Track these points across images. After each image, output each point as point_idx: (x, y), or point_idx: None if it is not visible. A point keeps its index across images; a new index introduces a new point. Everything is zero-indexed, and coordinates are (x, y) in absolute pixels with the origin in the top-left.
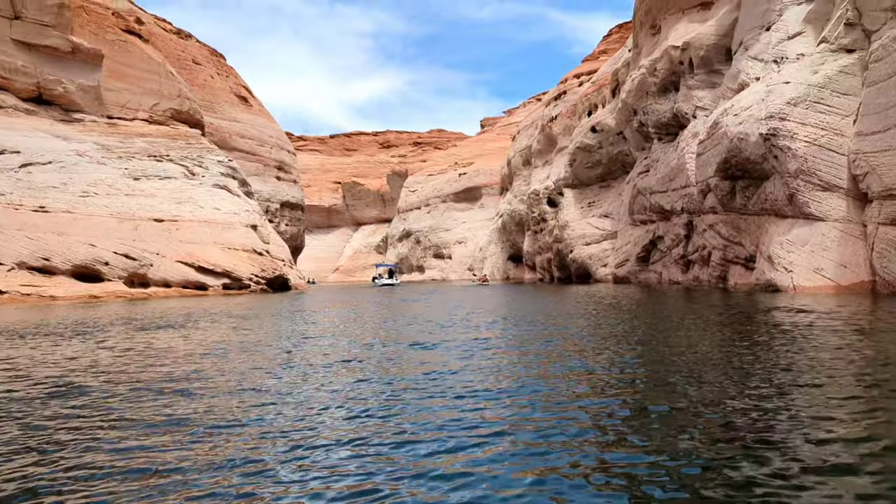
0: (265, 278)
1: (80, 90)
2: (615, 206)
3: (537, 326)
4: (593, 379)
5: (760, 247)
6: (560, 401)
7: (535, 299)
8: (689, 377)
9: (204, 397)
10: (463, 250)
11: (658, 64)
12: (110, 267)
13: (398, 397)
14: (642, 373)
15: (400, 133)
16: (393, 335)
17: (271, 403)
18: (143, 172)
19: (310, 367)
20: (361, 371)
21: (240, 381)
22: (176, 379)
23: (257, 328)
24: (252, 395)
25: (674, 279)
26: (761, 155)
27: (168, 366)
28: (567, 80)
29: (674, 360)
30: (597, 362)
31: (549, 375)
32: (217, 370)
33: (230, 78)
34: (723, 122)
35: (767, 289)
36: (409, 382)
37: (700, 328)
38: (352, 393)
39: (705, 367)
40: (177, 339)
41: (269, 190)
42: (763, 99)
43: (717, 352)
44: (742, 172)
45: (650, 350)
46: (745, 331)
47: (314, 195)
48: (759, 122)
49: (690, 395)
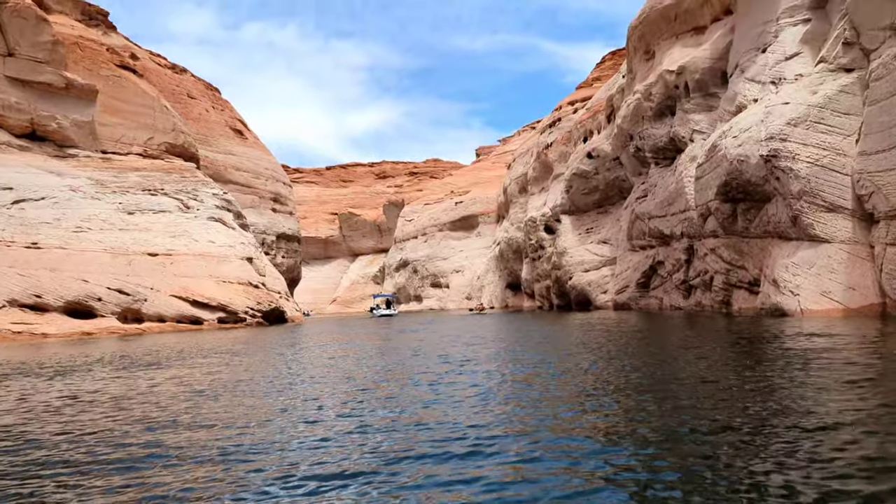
0: (261, 311)
1: (75, 126)
2: (613, 232)
3: (545, 364)
4: (609, 430)
5: (765, 270)
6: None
7: (536, 329)
8: (708, 429)
9: (175, 467)
10: (461, 279)
11: (653, 88)
12: (103, 303)
13: (399, 468)
14: (656, 424)
15: (396, 163)
16: (390, 376)
17: (255, 471)
18: (137, 207)
19: (302, 427)
20: (358, 427)
21: (219, 445)
22: (135, 442)
23: (244, 369)
24: (233, 465)
25: (675, 305)
26: (762, 177)
27: (134, 419)
28: (562, 107)
29: (692, 406)
30: (612, 411)
31: (565, 429)
32: (192, 428)
33: (225, 111)
34: (722, 145)
35: (774, 313)
36: (409, 443)
37: (716, 362)
38: (347, 463)
39: (727, 413)
40: (157, 381)
41: (264, 222)
42: (762, 120)
43: (740, 393)
44: (743, 195)
45: (667, 396)
46: (761, 361)
47: (311, 227)
48: (760, 144)
49: (717, 452)
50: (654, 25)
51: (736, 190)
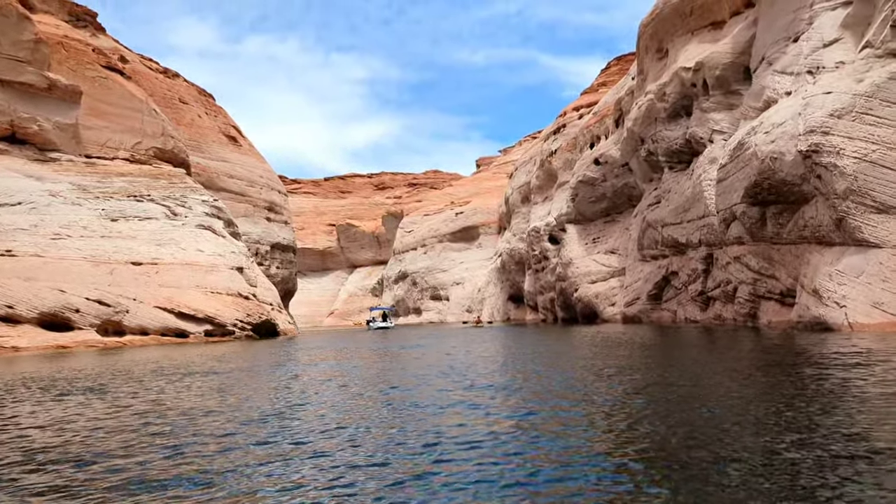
0: (251, 324)
1: (57, 128)
2: (622, 242)
3: (553, 387)
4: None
5: (801, 279)
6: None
7: (542, 345)
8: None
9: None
10: (461, 291)
11: (667, 88)
12: (81, 314)
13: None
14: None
15: (395, 174)
16: (386, 410)
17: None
18: (121, 213)
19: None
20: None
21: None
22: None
23: (219, 392)
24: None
25: (691, 318)
26: (800, 175)
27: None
28: (566, 112)
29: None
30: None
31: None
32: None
33: (219, 117)
34: (750, 143)
35: (814, 327)
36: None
37: (762, 384)
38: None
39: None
40: (103, 410)
41: (258, 231)
42: (800, 113)
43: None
44: (775, 197)
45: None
46: (824, 386)
47: (308, 238)
48: (797, 139)
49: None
50: (667, 22)
51: (767, 191)
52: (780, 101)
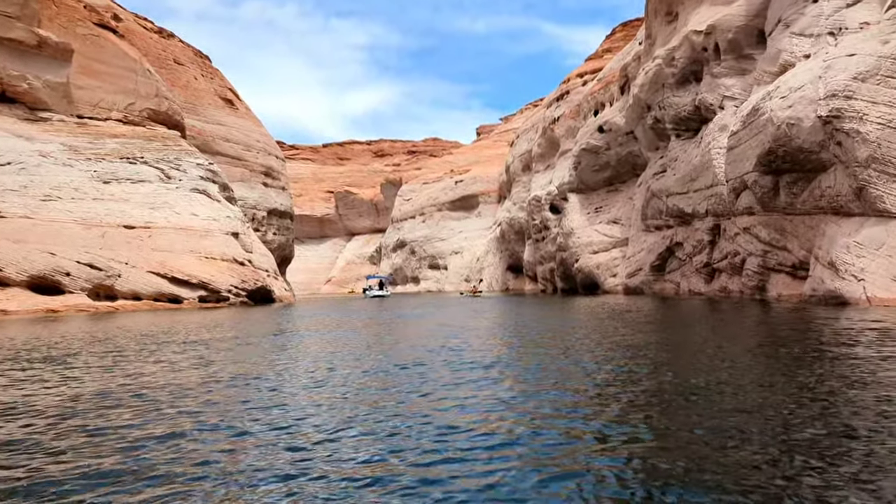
0: (246, 290)
1: (47, 87)
2: (625, 212)
3: (555, 362)
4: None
5: (816, 252)
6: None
7: (544, 316)
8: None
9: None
10: (459, 261)
11: (676, 53)
12: (72, 278)
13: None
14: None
15: (394, 142)
16: (385, 376)
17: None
18: (113, 175)
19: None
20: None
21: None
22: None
23: (203, 363)
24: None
25: (695, 290)
26: (818, 142)
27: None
28: (570, 79)
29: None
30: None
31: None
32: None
33: (215, 80)
34: (765, 108)
35: (829, 301)
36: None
37: (780, 361)
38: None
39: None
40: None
41: (255, 197)
42: (820, 76)
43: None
44: (790, 165)
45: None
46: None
47: (306, 205)
48: (817, 104)
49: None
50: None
51: (782, 159)
52: (799, 64)
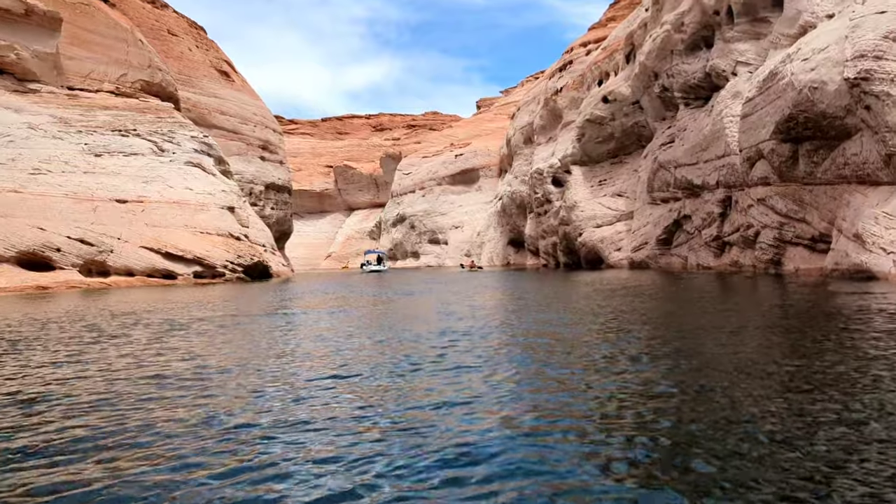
0: (242, 265)
1: (36, 57)
2: (630, 184)
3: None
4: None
5: (840, 223)
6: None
7: (549, 293)
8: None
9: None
10: (460, 235)
11: (686, 17)
12: (63, 253)
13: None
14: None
15: (393, 116)
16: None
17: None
18: (105, 148)
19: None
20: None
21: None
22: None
23: (165, 354)
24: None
25: (703, 264)
26: (844, 107)
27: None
28: (573, 49)
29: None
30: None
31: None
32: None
33: (210, 51)
34: (784, 72)
35: (853, 275)
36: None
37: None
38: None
39: None
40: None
41: (252, 171)
42: (847, 36)
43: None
44: (812, 132)
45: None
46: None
47: (305, 180)
48: (844, 65)
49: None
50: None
51: (803, 126)
52: (821, 24)
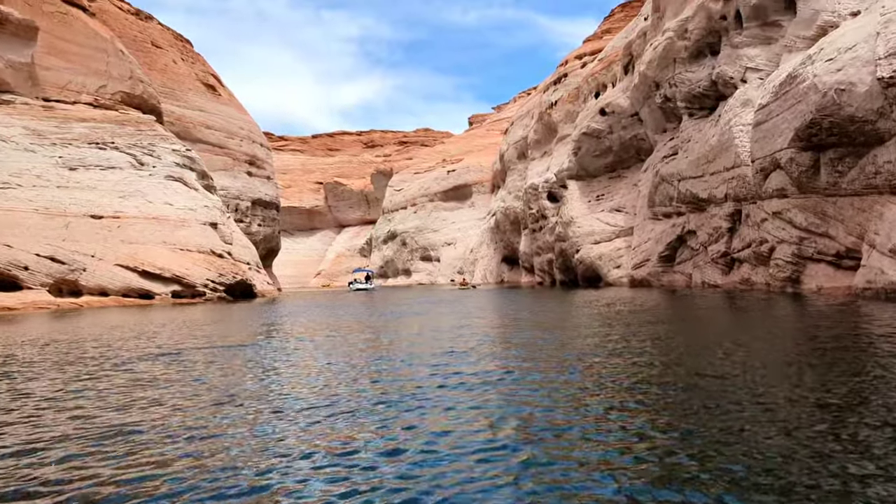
0: (224, 284)
1: (10, 67)
2: (629, 199)
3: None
4: None
5: (871, 237)
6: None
7: (548, 312)
8: None
9: None
10: (452, 252)
11: (690, 24)
12: (31, 272)
13: None
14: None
15: (385, 132)
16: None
17: None
18: (80, 162)
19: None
20: None
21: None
22: None
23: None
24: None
25: (710, 282)
26: (876, 110)
27: None
28: (567, 61)
29: None
30: None
31: None
32: None
33: (196, 64)
34: (805, 74)
35: (889, 294)
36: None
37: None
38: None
39: None
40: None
41: (238, 186)
42: (879, 32)
43: None
44: (837, 138)
45: None
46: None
47: (294, 196)
48: (875, 64)
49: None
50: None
51: (828, 132)
52: (845, 23)
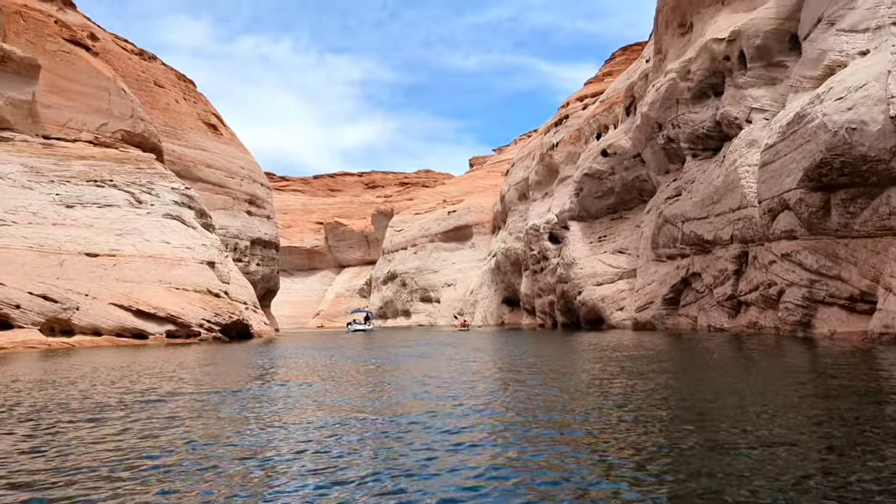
0: (220, 324)
1: (10, 105)
2: (632, 240)
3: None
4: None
5: (887, 280)
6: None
7: (553, 357)
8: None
9: None
10: (452, 293)
11: (693, 65)
12: (22, 311)
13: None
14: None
15: (386, 174)
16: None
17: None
18: (78, 199)
19: None
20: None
21: None
22: None
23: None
24: None
25: (716, 325)
26: (889, 149)
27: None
28: (569, 103)
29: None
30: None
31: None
32: None
33: (198, 104)
34: (814, 113)
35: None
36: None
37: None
38: None
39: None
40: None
41: (238, 225)
42: (890, 70)
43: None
44: (848, 178)
45: None
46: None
47: (295, 236)
48: (888, 102)
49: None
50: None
51: (838, 171)
52: (854, 62)
